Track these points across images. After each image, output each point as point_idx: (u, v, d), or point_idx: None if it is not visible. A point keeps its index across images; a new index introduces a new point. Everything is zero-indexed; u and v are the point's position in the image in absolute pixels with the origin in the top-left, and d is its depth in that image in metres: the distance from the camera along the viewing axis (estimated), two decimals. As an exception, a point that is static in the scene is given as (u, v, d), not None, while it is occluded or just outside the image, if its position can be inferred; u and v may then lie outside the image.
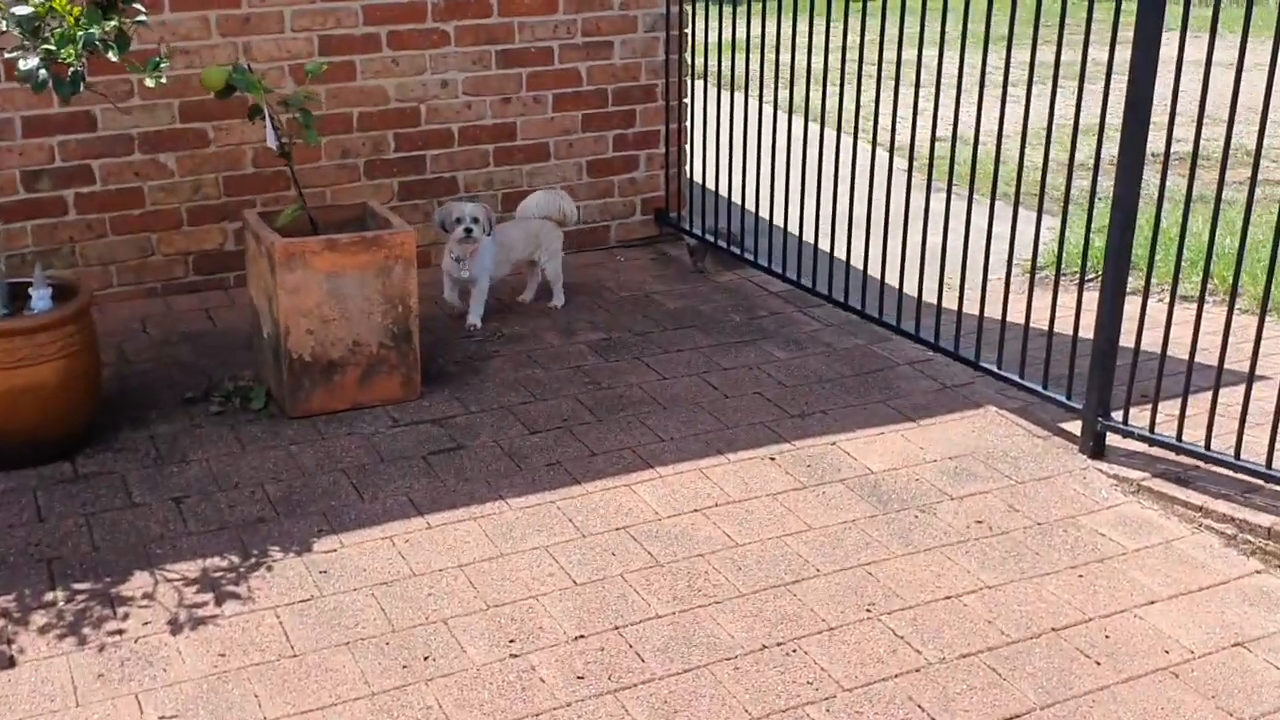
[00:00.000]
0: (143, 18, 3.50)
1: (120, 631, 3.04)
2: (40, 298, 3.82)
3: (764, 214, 5.46)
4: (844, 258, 5.08)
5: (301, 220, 4.37)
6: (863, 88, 4.76)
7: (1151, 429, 3.89)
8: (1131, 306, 3.97)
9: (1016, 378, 4.32)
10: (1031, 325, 4.29)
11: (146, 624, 3.08)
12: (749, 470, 3.91)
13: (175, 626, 3.07)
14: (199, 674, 2.92)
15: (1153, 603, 3.27)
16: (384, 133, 5.55)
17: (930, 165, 4.86)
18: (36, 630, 3.04)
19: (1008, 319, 4.36)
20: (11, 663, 2.92)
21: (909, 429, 4.19)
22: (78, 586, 3.22)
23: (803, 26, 4.90)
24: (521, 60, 5.71)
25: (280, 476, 3.83)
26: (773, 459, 3.98)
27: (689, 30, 5.92)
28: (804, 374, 4.62)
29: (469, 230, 4.77)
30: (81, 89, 3.40)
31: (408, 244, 4.25)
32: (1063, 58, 3.90)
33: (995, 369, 4.41)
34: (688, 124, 6.08)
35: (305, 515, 3.62)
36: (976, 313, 4.59)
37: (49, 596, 3.18)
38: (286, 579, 3.29)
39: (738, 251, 5.65)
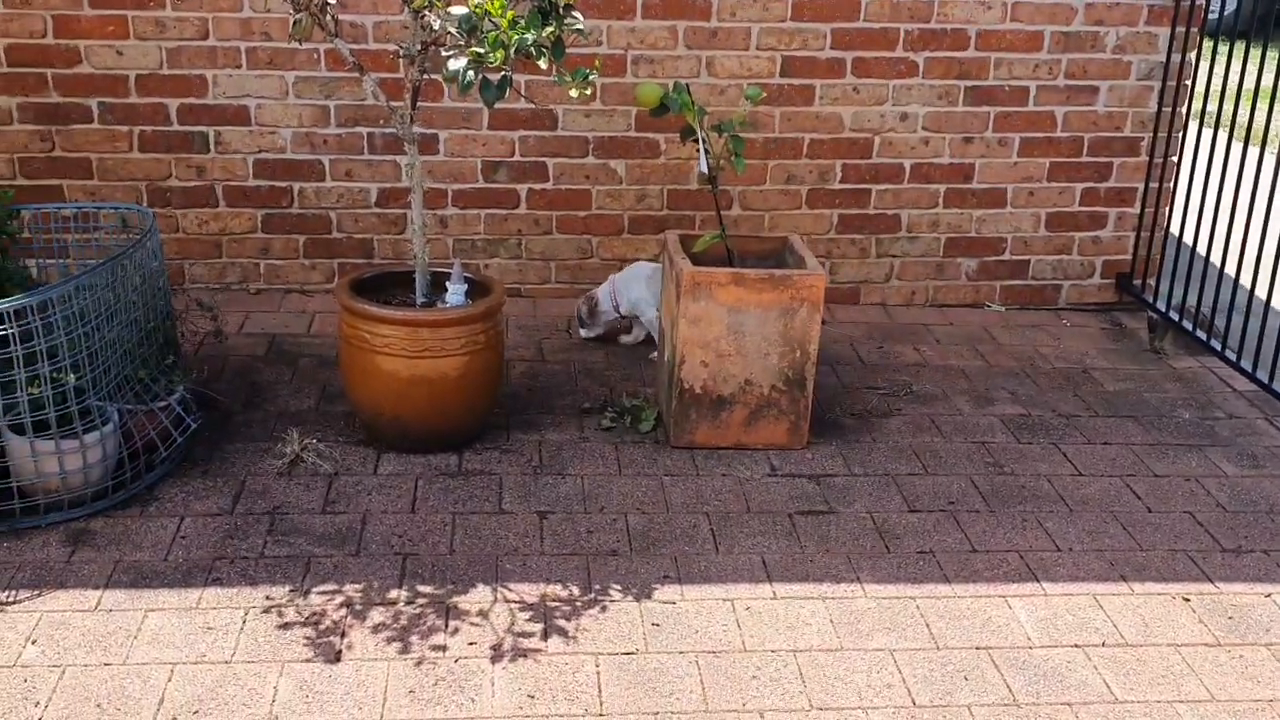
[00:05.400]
0: (579, 26, 3.47)
1: (444, 648, 3.05)
2: (454, 292, 3.93)
3: (1255, 288, 4.70)
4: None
5: (718, 248, 4.26)
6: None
7: None
8: None
9: None
10: None
11: (472, 644, 3.07)
12: (1154, 608, 3.36)
13: (497, 653, 3.04)
14: (503, 713, 2.85)
15: None
16: (832, 162, 5.34)
17: None
18: (370, 628, 3.10)
19: None
20: (338, 658, 2.99)
21: (1371, 595, 3.47)
22: (422, 589, 3.27)
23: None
24: (991, 99, 5.30)
25: (645, 508, 3.74)
26: (1187, 599, 3.41)
27: (1189, 81, 5.27)
28: (1253, 499, 3.95)
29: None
30: (507, 93, 3.43)
31: (817, 287, 4.03)
32: None
33: None
34: (1172, 184, 5.44)
35: (656, 556, 3.50)
36: None
37: (393, 594, 3.25)
38: (618, 624, 3.18)
39: (1203, 337, 4.96)
